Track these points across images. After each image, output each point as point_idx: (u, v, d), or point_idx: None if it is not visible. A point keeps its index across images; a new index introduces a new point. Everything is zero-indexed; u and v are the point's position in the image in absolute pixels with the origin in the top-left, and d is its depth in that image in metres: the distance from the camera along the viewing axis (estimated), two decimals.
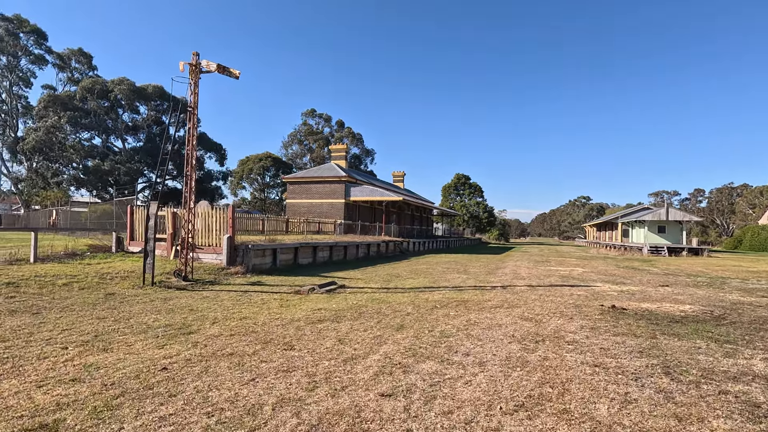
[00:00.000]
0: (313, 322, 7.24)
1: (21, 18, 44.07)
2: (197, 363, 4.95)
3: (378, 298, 10.06)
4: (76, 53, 48.84)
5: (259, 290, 10.87)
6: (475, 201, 68.36)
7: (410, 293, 10.89)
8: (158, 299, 9.16)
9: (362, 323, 7.19)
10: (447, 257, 26.96)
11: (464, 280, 14.14)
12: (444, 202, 70.79)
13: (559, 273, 17.20)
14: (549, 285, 12.97)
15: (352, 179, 34.22)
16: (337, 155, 38.53)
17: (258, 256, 14.56)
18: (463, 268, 18.92)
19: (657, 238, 40.47)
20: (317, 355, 5.28)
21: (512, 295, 10.74)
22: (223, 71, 12.06)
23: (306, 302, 9.39)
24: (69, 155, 36.47)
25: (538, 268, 19.64)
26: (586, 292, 11.41)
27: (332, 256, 19.83)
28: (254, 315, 7.84)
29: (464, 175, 69.88)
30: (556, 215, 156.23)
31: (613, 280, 14.90)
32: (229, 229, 13.95)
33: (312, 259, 18.18)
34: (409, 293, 10.89)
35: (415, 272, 16.45)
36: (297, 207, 34.68)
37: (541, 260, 25.51)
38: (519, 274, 16.55)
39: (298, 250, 16.96)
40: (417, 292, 11.05)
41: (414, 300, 9.76)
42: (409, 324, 7.11)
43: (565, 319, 7.75)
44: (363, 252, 23.67)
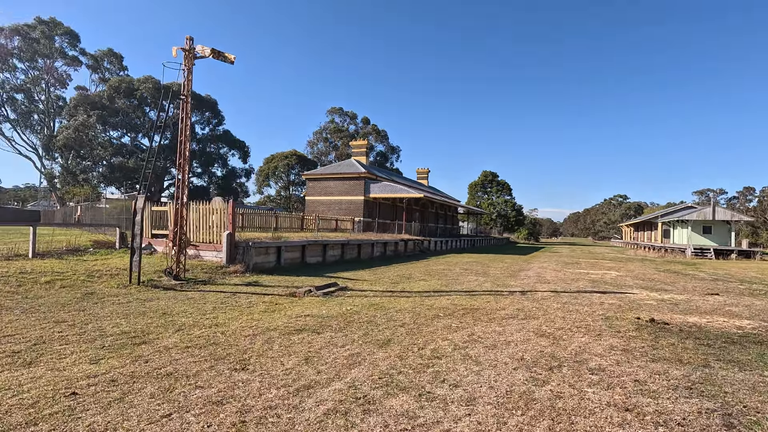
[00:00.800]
0: (289, 333, 6.25)
1: (56, 21, 45.65)
2: (119, 386, 4.04)
3: (377, 303, 8.98)
4: (107, 54, 50.23)
5: (251, 292, 10.03)
6: (503, 199, 65.94)
7: (415, 298, 9.75)
8: (137, 300, 8.44)
9: (345, 335, 6.14)
10: (469, 257, 25.53)
11: (480, 283, 12.85)
12: (470, 200, 68.77)
13: (590, 277, 15.56)
14: (576, 291, 11.49)
15: (372, 176, 33.23)
16: (358, 151, 37.63)
17: (260, 254, 13.79)
18: (483, 269, 17.54)
19: (702, 239, 37.36)
20: (269, 380, 4.27)
21: (531, 302, 9.41)
22: (218, 56, 11.30)
23: (296, 306, 8.44)
24: (98, 153, 37.30)
25: (566, 270, 17.99)
26: (619, 301, 9.91)
27: (344, 255, 18.90)
28: (229, 321, 6.94)
29: (491, 173, 67.57)
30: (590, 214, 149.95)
31: (652, 286, 13.20)
32: (229, 225, 13.23)
33: (321, 257, 17.30)
34: (413, 298, 9.76)
35: (429, 273, 15.26)
36: (316, 204, 34.04)
37: (571, 262, 23.67)
38: (543, 277, 15.05)
39: (306, 249, 16.11)
40: (423, 297, 9.90)
41: (416, 306, 8.62)
42: (398, 338, 6.00)
43: (591, 335, 6.42)
44: (379, 251, 22.64)
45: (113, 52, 50.71)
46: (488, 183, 67.45)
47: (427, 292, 10.82)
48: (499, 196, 66.58)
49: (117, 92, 38.49)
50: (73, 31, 45.84)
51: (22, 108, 45.96)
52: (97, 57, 50.00)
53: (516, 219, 65.96)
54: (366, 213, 32.18)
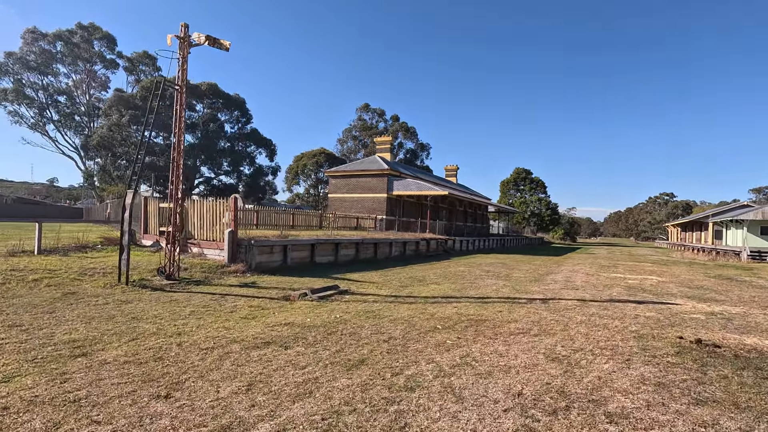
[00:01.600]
0: (253, 347, 5.42)
1: (95, 25, 47.52)
2: (4, 417, 3.30)
3: (373, 310, 8.03)
4: (142, 56, 51.87)
5: (242, 294, 9.33)
6: (537, 197, 63.10)
7: (418, 305, 8.72)
8: (114, 302, 7.90)
9: (315, 352, 5.23)
10: (494, 258, 24.06)
11: (498, 288, 11.60)
12: (502, 198, 66.36)
13: (627, 282, 13.90)
14: (608, 300, 10.05)
15: (395, 172, 32.25)
16: (382, 147, 36.73)
17: (264, 254, 13.15)
18: (506, 272, 16.18)
19: (760, 241, 33.85)
20: (184, 416, 3.41)
21: (551, 313, 8.14)
22: (214, 43, 10.68)
23: (282, 312, 7.64)
24: (131, 151, 38.38)
25: (600, 275, 16.30)
26: (658, 314, 8.46)
27: (359, 254, 18.04)
28: (196, 330, 6.21)
29: (524, 170, 64.81)
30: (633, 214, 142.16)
31: (699, 295, 11.49)
32: (231, 223, 12.65)
33: (333, 257, 16.52)
34: (417, 305, 8.73)
35: (445, 276, 14.12)
36: (339, 202, 33.46)
37: (607, 264, 21.73)
38: (572, 282, 13.56)
39: (315, 247, 15.36)
40: (428, 304, 8.84)
41: (415, 315, 7.59)
42: (374, 358, 5.02)
43: (618, 361, 5.19)
44: (398, 250, 21.64)
45: (148, 54, 52.30)
46: (521, 180, 64.75)
47: (435, 297, 9.75)
48: (533, 194, 63.78)
49: (149, 92, 39.43)
50: (111, 35, 47.56)
51: (65, 110, 48.19)
52: (132, 59, 51.75)
53: (551, 218, 62.95)
54: (389, 211, 31.26)
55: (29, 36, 45.02)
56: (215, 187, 47.38)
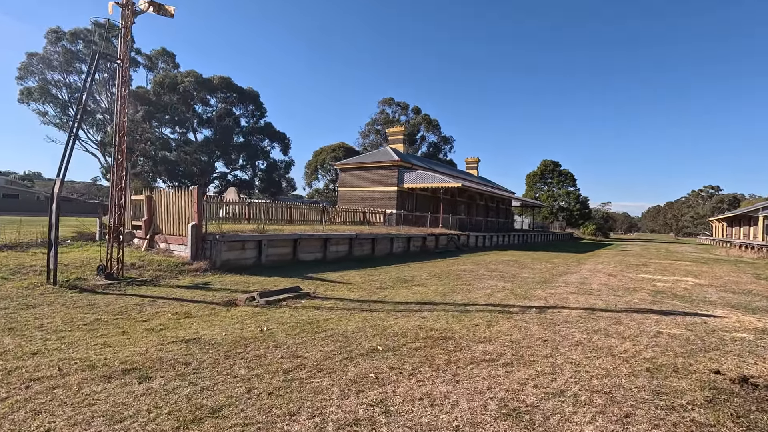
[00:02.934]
0: (104, 377, 4.01)
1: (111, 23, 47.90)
2: None
3: (316, 321, 6.48)
4: (161, 53, 52.06)
5: (181, 297, 8.00)
6: (565, 190, 59.54)
7: (379, 313, 7.10)
8: (17, 306, 6.73)
9: (172, 389, 3.75)
10: (510, 255, 21.98)
11: (494, 292, 9.79)
12: (528, 192, 63.18)
13: (655, 285, 11.72)
14: (624, 309, 8.07)
15: (407, 164, 30.49)
16: (395, 138, 34.98)
17: (234, 249, 11.83)
18: (515, 271, 14.25)
19: None
20: None
21: (543, 328, 6.33)
22: (158, 10, 9.48)
23: (205, 322, 6.26)
24: (145, 147, 38.40)
25: (625, 275, 14.08)
26: (688, 331, 6.48)
27: (352, 251, 16.51)
28: (65, 348, 4.91)
29: (552, 161, 61.29)
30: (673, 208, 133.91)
31: (746, 303, 9.27)
32: (194, 215, 11.38)
33: (322, 254, 15.06)
34: (377, 313, 7.11)
35: (439, 276, 12.40)
36: (349, 196, 32.07)
37: (637, 263, 19.25)
38: (587, 284, 11.52)
39: (299, 243, 13.94)
40: (393, 312, 7.21)
41: (362, 329, 5.99)
42: (238, 407, 3.46)
43: (610, 419, 3.41)
44: (400, 247, 19.97)
45: (166, 51, 52.43)
46: (548, 173, 61.31)
47: (408, 304, 8.09)
48: (561, 188, 60.26)
49: (162, 87, 39.33)
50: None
51: (87, 108, 49.06)
52: (151, 57, 52.08)
53: (580, 212, 59.29)
54: (400, 205, 29.58)
55: (52, 35, 45.89)
56: (230, 182, 47.06)
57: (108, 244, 9.27)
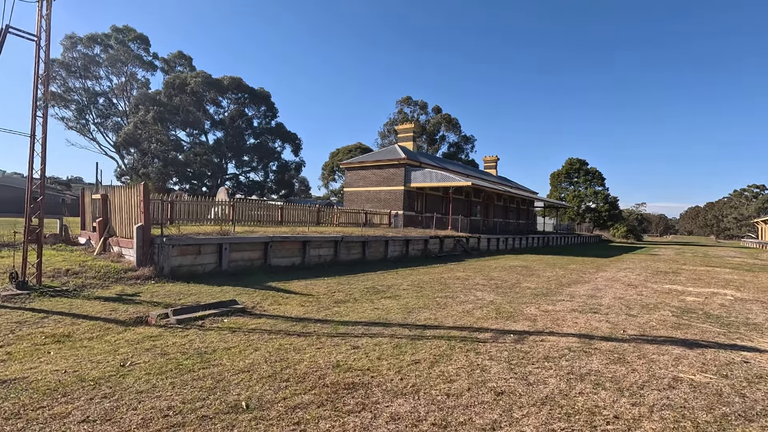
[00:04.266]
0: None
1: (129, 27, 48.51)
2: None
3: (216, 349, 4.99)
4: (177, 56, 52.40)
5: (84, 313, 6.67)
6: (593, 190, 56.04)
7: (314, 337, 5.52)
8: None
9: None
10: (521, 260, 19.90)
11: (474, 308, 8.01)
12: (553, 192, 59.97)
13: (683, 300, 9.59)
14: (635, 337, 6.15)
15: (414, 162, 28.76)
16: (404, 136, 33.29)
17: (187, 254, 10.51)
18: (517, 279, 12.33)
19: None
20: None
21: (508, 369, 4.56)
22: None
23: (70, 350, 4.86)
24: (154, 148, 38.26)
25: (649, 285, 11.91)
26: (719, 377, 4.55)
27: (338, 255, 14.97)
28: None
29: (578, 160, 57.85)
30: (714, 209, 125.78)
31: None
32: (141, 216, 10.13)
33: (300, 259, 13.60)
34: (311, 337, 5.54)
35: (421, 286, 10.68)
36: (354, 196, 30.63)
37: (666, 270, 16.82)
38: (598, 298, 9.51)
39: (270, 247, 12.52)
40: (329, 338, 5.61)
41: (264, 364, 4.43)
42: None
43: None
44: (397, 251, 18.29)
45: (183, 54, 52.79)
46: (574, 172, 57.91)
47: (358, 324, 6.46)
48: (588, 187, 56.77)
49: (172, 88, 39.16)
50: (143, 35, 48.29)
51: (104, 112, 49.82)
52: (168, 60, 52.47)
53: (609, 213, 55.63)
54: (407, 205, 27.89)
55: (68, 41, 46.78)
56: (242, 184, 46.58)
57: (24, 249, 8.09)
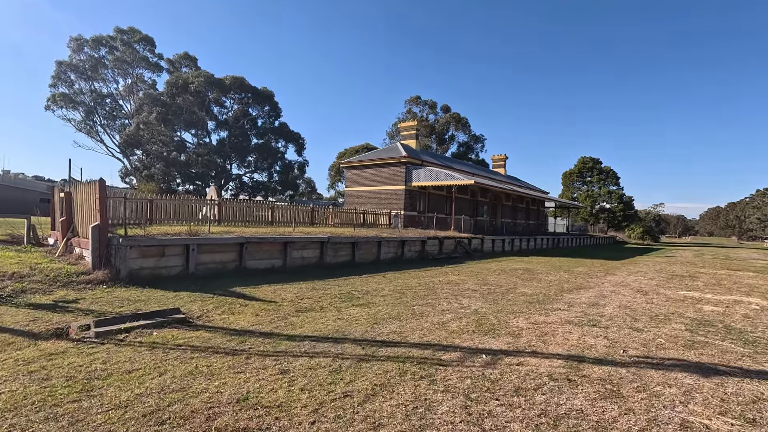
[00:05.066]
0: None
1: (134, 29, 48.53)
2: None
3: (108, 374, 4.07)
4: (183, 57, 52.29)
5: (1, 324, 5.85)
6: (606, 189, 54.10)
7: (242, 357, 4.58)
8: None
9: None
10: (525, 262, 18.71)
11: (453, 319, 6.97)
12: (565, 192, 58.18)
13: (699, 310, 8.38)
14: (637, 360, 5.04)
15: (416, 160, 27.72)
16: (407, 134, 32.26)
17: (149, 256, 9.69)
18: (512, 285, 11.22)
19: None
20: None
21: (463, 408, 3.54)
22: None
23: None
24: (156, 148, 37.98)
25: (661, 291, 10.66)
26: (744, 423, 3.45)
27: (324, 257, 14.03)
28: None
29: (591, 158, 55.95)
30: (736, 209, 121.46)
31: None
32: (98, 214, 9.34)
33: (281, 261, 12.71)
34: (240, 357, 4.60)
35: (403, 292, 9.67)
36: (355, 196, 29.74)
37: (683, 274, 15.45)
38: (600, 307, 8.37)
39: (246, 249, 11.65)
40: (260, 357, 4.67)
41: (138, 401, 3.49)
42: None
43: None
44: (391, 252, 17.28)
45: (188, 55, 52.66)
46: (587, 171, 56.03)
47: (306, 339, 5.51)
48: (602, 187, 54.84)
49: (174, 88, 38.88)
50: (149, 36, 48.25)
51: (111, 113, 49.95)
52: (174, 61, 52.40)
53: (624, 213, 53.62)
54: (408, 205, 26.87)
55: (74, 44, 46.98)
56: (246, 184, 46.11)
57: None
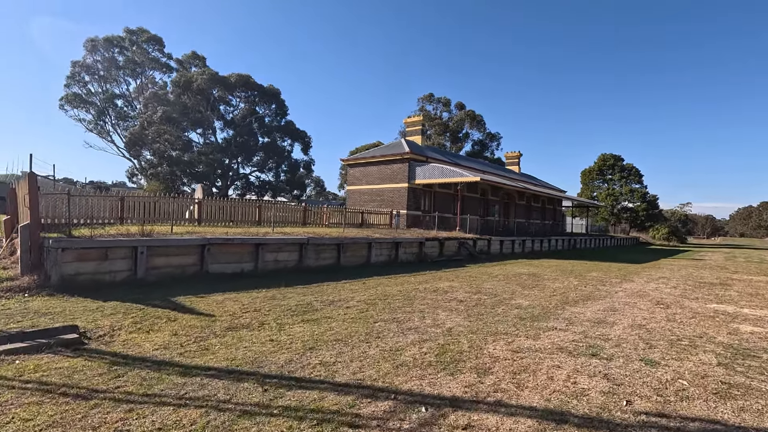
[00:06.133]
0: None
1: (142, 29, 48.49)
2: None
3: None
4: (191, 57, 52.04)
5: None
6: (629, 188, 51.30)
7: (76, 407, 3.30)
8: None
9: None
10: (533, 266, 17.05)
11: (411, 343, 5.58)
12: (584, 190, 55.57)
13: (736, 330, 6.72)
14: (647, 420, 3.54)
15: (420, 157, 26.25)
16: (412, 130, 30.81)
17: (88, 260, 8.59)
18: (509, 293, 9.70)
19: None
20: None
21: None
22: None
23: None
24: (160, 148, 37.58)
25: (686, 304, 8.96)
26: None
27: (303, 260, 12.77)
28: None
29: (612, 155, 53.16)
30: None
31: None
32: (28, 212, 8.29)
33: (252, 265, 11.50)
34: (76, 406, 3.32)
35: (372, 303, 8.30)
36: (357, 195, 28.47)
37: (713, 281, 13.55)
38: (607, 325, 6.80)
39: (208, 251, 10.47)
40: (97, 410, 3.38)
41: None
42: None
43: None
44: (383, 255, 15.91)
45: (197, 55, 52.36)
46: (607, 169, 53.30)
47: (200, 376, 4.22)
48: (624, 185, 52.05)
49: (178, 86, 38.44)
50: (157, 36, 48.13)
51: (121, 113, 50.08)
52: (183, 61, 52.23)
53: (647, 213, 50.72)
54: (412, 204, 25.43)
55: (89, 44, 47.21)
56: (252, 184, 45.43)
57: None
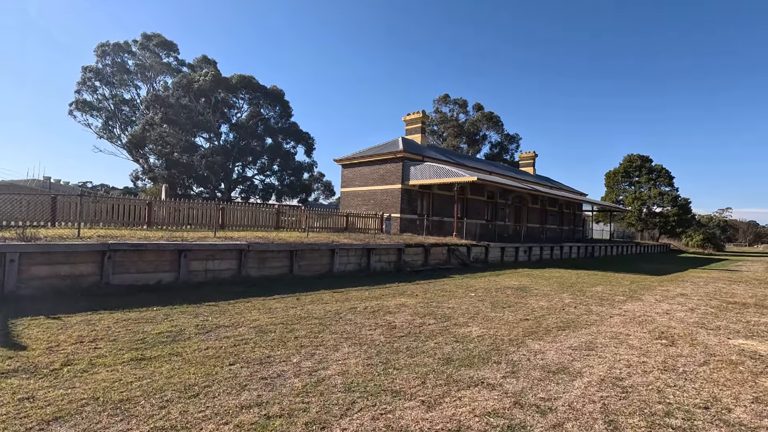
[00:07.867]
0: None
1: (157, 35, 48.58)
2: None
3: None
4: (202, 61, 51.84)
5: None
6: (658, 191, 47.34)
7: None
8: None
9: None
10: (529, 278, 14.68)
11: (259, 403, 3.58)
12: (609, 194, 51.89)
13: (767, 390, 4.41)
14: None
15: (416, 156, 24.21)
16: (412, 128, 28.78)
17: None
18: (469, 315, 7.55)
19: None
20: None
21: None
22: None
23: None
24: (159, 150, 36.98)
25: (701, 336, 6.56)
26: None
27: (243, 269, 10.96)
28: None
29: (640, 156, 49.29)
30: None
31: None
32: None
33: (175, 274, 9.77)
34: None
35: (264, 332, 6.38)
36: (350, 197, 26.66)
37: (745, 300, 10.85)
38: (563, 384, 4.61)
39: (110, 258, 8.79)
40: None
41: None
42: None
43: None
44: (351, 263, 13.94)
45: (207, 59, 52.18)
46: (634, 170, 49.47)
47: None
48: (652, 188, 48.12)
49: (180, 88, 37.84)
50: (170, 41, 48.13)
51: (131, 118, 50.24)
52: (194, 65, 52.11)
53: (679, 218, 46.59)
54: (406, 207, 23.39)
55: (100, 49, 47.62)
56: (256, 187, 44.39)
57: None
